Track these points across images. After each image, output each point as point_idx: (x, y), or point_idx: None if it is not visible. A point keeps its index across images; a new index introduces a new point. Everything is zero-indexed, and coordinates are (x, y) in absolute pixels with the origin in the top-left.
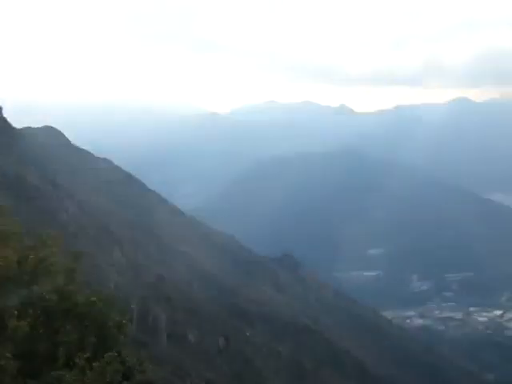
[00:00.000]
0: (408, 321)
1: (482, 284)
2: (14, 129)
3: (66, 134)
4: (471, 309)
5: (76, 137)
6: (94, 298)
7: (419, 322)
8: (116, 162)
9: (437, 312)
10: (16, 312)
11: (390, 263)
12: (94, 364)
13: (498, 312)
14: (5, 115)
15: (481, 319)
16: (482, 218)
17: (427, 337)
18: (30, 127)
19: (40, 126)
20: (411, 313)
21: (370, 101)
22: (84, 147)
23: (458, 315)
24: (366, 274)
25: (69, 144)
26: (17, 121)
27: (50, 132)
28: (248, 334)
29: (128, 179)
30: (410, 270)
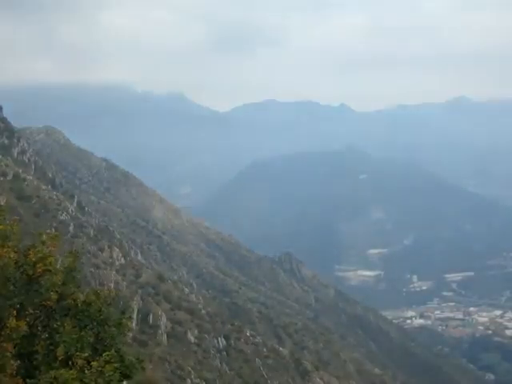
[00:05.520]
0: (408, 321)
1: (482, 284)
2: (13, 128)
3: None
4: (471, 309)
5: (75, 137)
6: (93, 298)
7: (419, 321)
8: (116, 162)
9: (437, 312)
10: (15, 311)
11: (390, 263)
12: (93, 363)
13: (498, 312)
14: (4, 115)
15: (481, 319)
16: (482, 217)
17: (427, 337)
18: (29, 127)
19: (40, 125)
20: (411, 313)
21: (370, 100)
22: (84, 147)
23: (458, 315)
24: (366, 273)
25: (68, 144)
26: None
27: (49, 132)
28: (248, 333)
29: (127, 179)
30: (410, 270)
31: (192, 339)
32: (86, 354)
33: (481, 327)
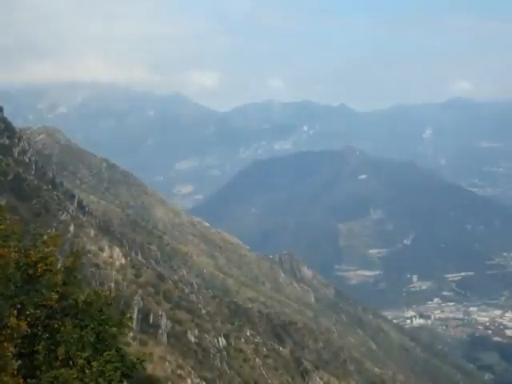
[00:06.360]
0: (408, 321)
1: (482, 284)
2: (14, 128)
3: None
4: (471, 309)
5: (76, 137)
6: (94, 297)
7: (419, 321)
8: (116, 162)
9: (437, 312)
10: (16, 311)
11: (390, 263)
12: (93, 363)
13: (498, 312)
14: (5, 115)
15: (481, 319)
16: (482, 217)
17: (427, 337)
18: (30, 127)
19: (40, 126)
20: (411, 313)
21: (370, 100)
22: (84, 147)
23: (458, 315)
24: (366, 273)
25: (68, 144)
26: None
27: (49, 132)
28: (248, 333)
29: (127, 179)
30: (410, 270)
31: (192, 339)
32: (87, 354)
33: (481, 327)
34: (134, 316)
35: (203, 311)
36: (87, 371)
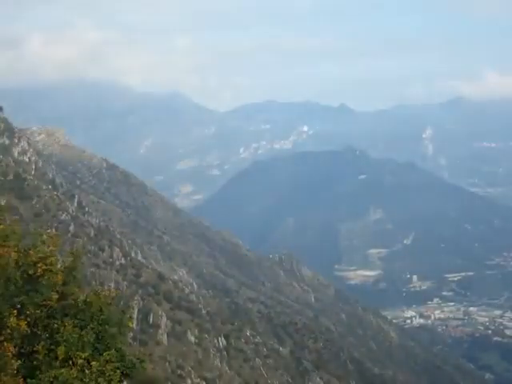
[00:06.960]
0: (408, 321)
1: (482, 284)
2: (14, 128)
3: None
4: (471, 309)
5: (76, 137)
6: (93, 297)
7: (419, 321)
8: (116, 162)
9: (437, 312)
10: (16, 311)
11: (390, 263)
12: (93, 363)
13: (498, 312)
14: (5, 115)
15: (481, 319)
16: (482, 217)
17: (427, 337)
18: (30, 127)
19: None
20: (411, 313)
21: (370, 100)
22: (84, 147)
23: (458, 315)
24: (366, 273)
25: (68, 144)
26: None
27: (50, 132)
28: (248, 333)
29: (127, 179)
30: (410, 270)
31: (192, 339)
32: (87, 354)
33: (481, 327)
34: (134, 316)
35: (203, 311)
36: (87, 371)
